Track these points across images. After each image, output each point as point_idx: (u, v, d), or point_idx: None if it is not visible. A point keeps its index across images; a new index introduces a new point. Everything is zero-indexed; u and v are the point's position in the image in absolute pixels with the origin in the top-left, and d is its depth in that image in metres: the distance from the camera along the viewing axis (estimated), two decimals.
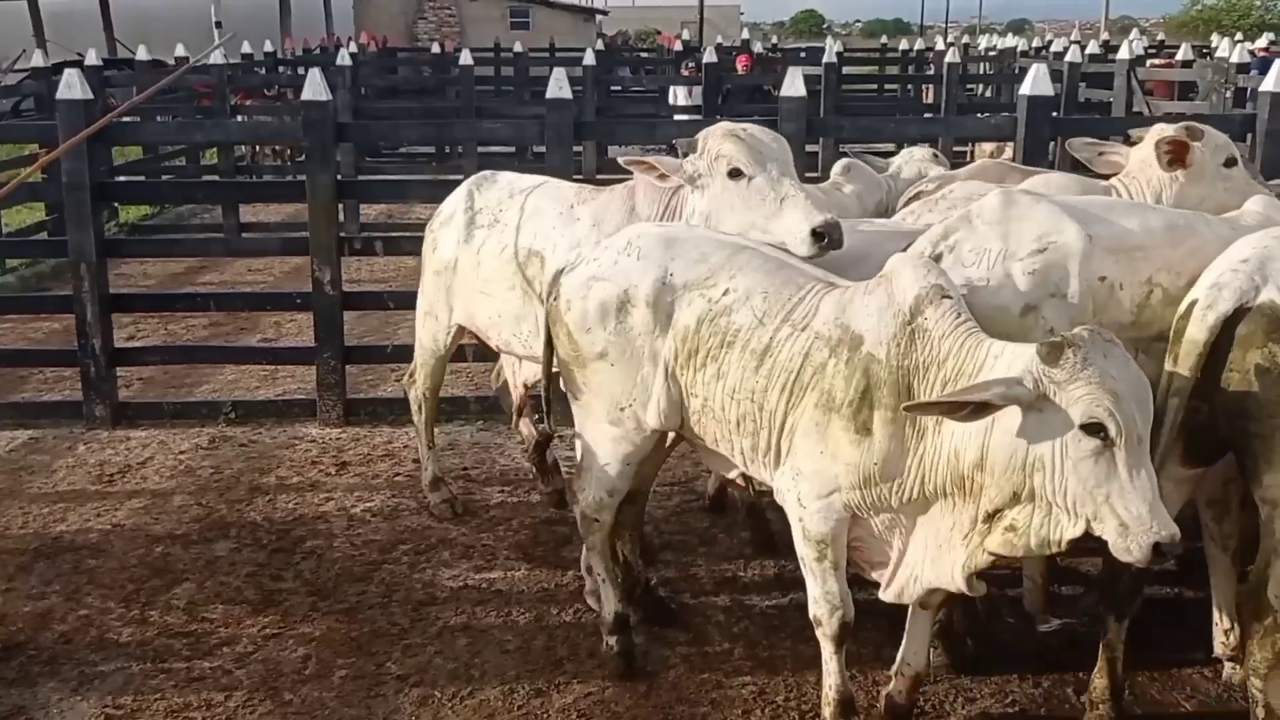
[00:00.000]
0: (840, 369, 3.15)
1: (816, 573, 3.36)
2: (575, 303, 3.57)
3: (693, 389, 3.45)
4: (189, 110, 14.27)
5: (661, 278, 3.47)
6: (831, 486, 3.22)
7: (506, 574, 4.65)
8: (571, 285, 3.61)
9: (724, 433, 3.44)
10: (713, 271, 3.43)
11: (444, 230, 4.82)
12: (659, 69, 22.75)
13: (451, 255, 4.73)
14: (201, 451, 6.01)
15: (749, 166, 3.84)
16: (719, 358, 3.36)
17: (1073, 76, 12.93)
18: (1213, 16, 55.15)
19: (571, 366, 3.66)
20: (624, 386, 3.56)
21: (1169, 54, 19.73)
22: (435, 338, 5.00)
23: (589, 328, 3.55)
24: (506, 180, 4.78)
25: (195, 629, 4.24)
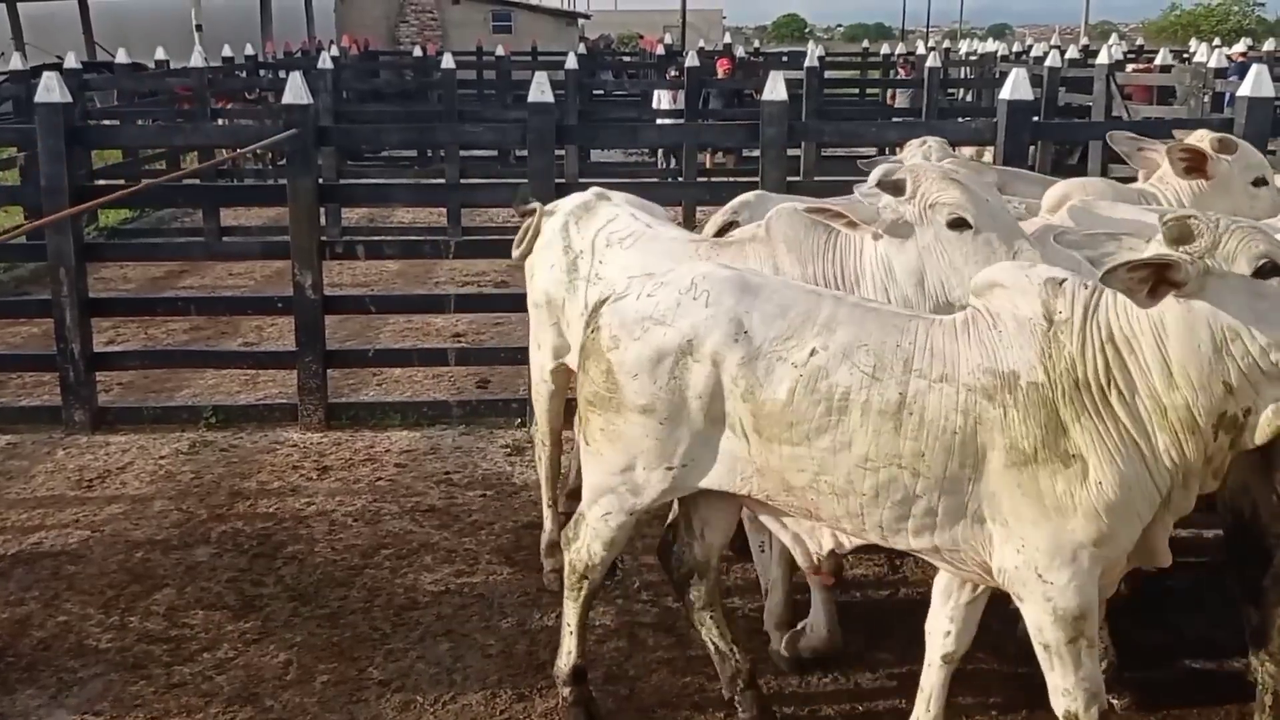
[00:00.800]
0: (1015, 416, 2.81)
1: (1069, 658, 2.89)
2: (625, 342, 3.16)
3: (795, 464, 3.01)
4: (169, 114, 14.19)
5: (733, 333, 3.04)
6: (1074, 544, 2.80)
7: (489, 578, 4.64)
8: (621, 320, 3.20)
9: (851, 507, 2.99)
10: (794, 329, 3.02)
11: (540, 258, 4.31)
12: (641, 73, 22.80)
13: (553, 294, 4.23)
14: (182, 456, 5.98)
15: (977, 218, 3.41)
16: (833, 426, 2.94)
17: (1052, 81, 13.02)
18: (1191, 21, 55.60)
19: (597, 407, 3.26)
20: (661, 446, 3.17)
21: (1148, 59, 19.88)
22: (541, 369, 4.50)
23: (636, 374, 3.14)
24: (606, 216, 4.18)
25: (175, 635, 4.21)
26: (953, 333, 2.96)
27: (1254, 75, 6.42)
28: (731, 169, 14.52)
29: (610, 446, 3.27)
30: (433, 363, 7.03)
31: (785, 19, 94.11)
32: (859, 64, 25.75)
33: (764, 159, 6.35)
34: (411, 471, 5.77)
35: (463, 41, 30.09)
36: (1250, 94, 6.30)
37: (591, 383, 3.27)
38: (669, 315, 3.13)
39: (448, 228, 11.71)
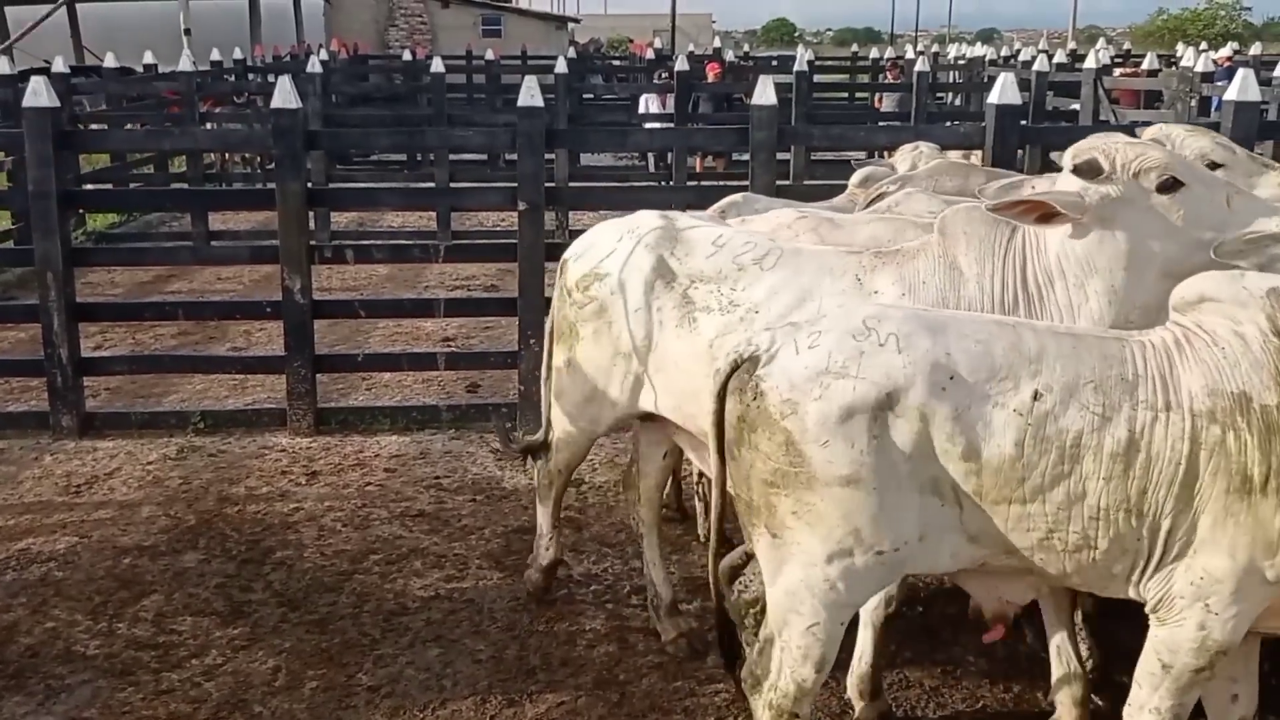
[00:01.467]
0: (1247, 440, 2.59)
1: (1184, 685, 2.77)
2: (804, 404, 2.68)
3: (1023, 524, 2.69)
4: (157, 118, 14.16)
5: (940, 381, 2.66)
6: (1261, 580, 2.63)
7: (478, 583, 4.63)
8: (790, 381, 2.71)
9: (1084, 560, 2.71)
10: (1005, 368, 2.68)
11: (616, 299, 3.69)
12: (631, 77, 22.81)
13: (643, 339, 3.64)
14: (170, 462, 5.96)
15: (1186, 174, 3.17)
16: (1066, 476, 2.64)
17: (1040, 85, 13.06)
18: (1178, 26, 55.97)
19: (781, 487, 2.73)
20: (876, 522, 2.68)
21: (1135, 63, 19.98)
22: (595, 421, 3.95)
23: (825, 440, 2.66)
24: (708, 238, 3.62)
25: (163, 641, 4.19)
26: (1167, 354, 2.71)
27: (1240, 79, 6.45)
28: (721, 173, 14.54)
29: (809, 532, 2.72)
30: (422, 367, 7.02)
31: (775, 23, 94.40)
32: (848, 68, 25.80)
33: (753, 163, 6.36)
34: (401, 476, 5.76)
35: (452, 45, 30.09)
36: (1237, 98, 6.33)
37: (766, 460, 2.74)
38: (851, 366, 2.68)
39: (437, 232, 11.71)
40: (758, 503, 2.80)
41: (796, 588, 2.78)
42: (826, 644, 2.81)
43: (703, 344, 3.47)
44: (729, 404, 2.84)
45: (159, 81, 15.03)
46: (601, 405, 3.88)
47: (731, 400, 2.83)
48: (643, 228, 3.74)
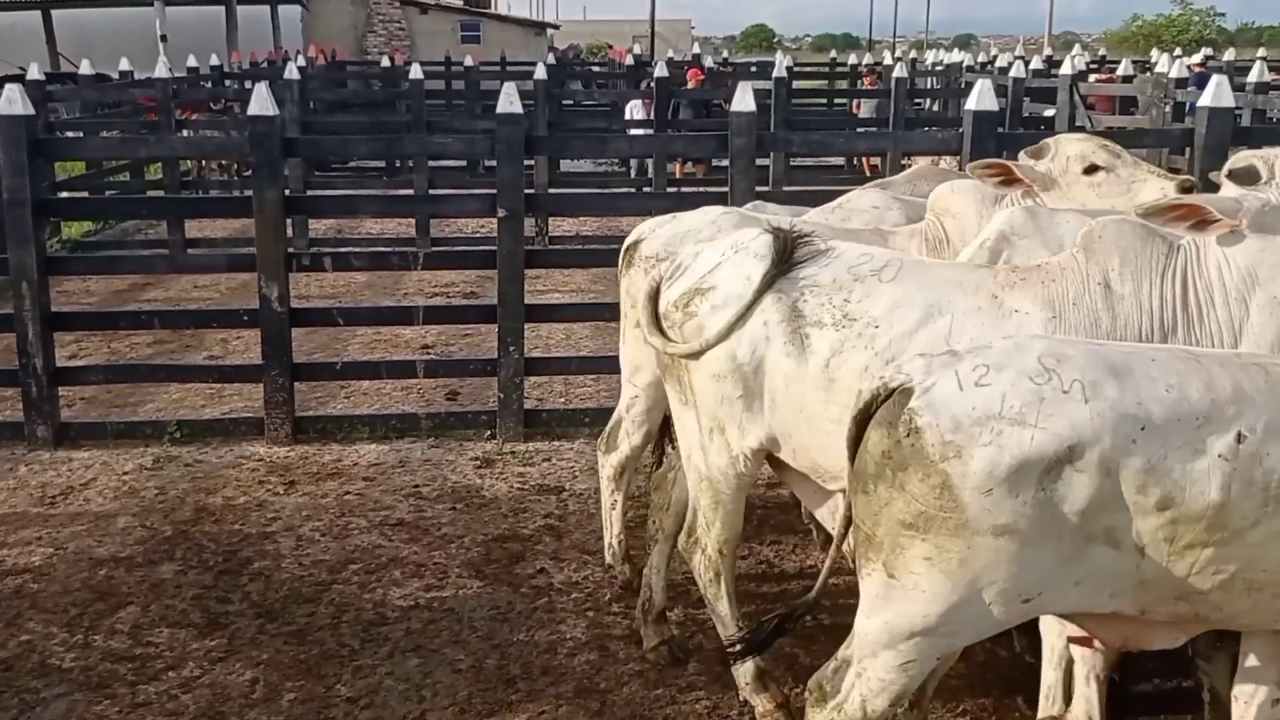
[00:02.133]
0: None
1: None
2: (969, 449, 2.48)
3: (1212, 565, 2.54)
4: (133, 125, 14.08)
5: (1130, 434, 2.47)
6: None
7: (458, 593, 4.61)
8: (954, 421, 2.51)
9: (1263, 597, 2.60)
10: (1203, 413, 2.50)
11: (715, 315, 3.32)
12: (611, 83, 22.82)
13: (748, 358, 3.28)
14: (146, 472, 5.91)
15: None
16: (1269, 516, 2.50)
17: (1017, 91, 13.13)
18: (1152, 32, 56.40)
19: (920, 530, 2.56)
20: (1020, 574, 2.53)
21: (1110, 69, 20.13)
22: (729, 466, 3.45)
23: (989, 489, 2.47)
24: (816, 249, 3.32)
25: (140, 653, 4.15)
26: None
27: (1214, 86, 6.50)
28: (701, 179, 14.56)
29: (940, 579, 2.57)
30: (401, 375, 6.99)
31: (754, 29, 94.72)
32: (827, 74, 25.89)
33: (733, 169, 6.37)
34: (380, 485, 5.73)
35: (431, 51, 30.07)
36: (1211, 104, 6.37)
37: (912, 501, 2.55)
38: (1029, 414, 2.48)
39: (416, 239, 11.67)
40: (882, 540, 2.64)
41: (901, 626, 2.65)
42: (913, 680, 2.72)
43: (817, 364, 3.17)
44: (872, 435, 2.63)
45: (135, 88, 14.95)
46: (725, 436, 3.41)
47: (876, 432, 2.62)
48: (747, 238, 3.41)
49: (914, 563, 2.59)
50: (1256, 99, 11.82)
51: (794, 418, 3.25)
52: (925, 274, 3.22)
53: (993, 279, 3.20)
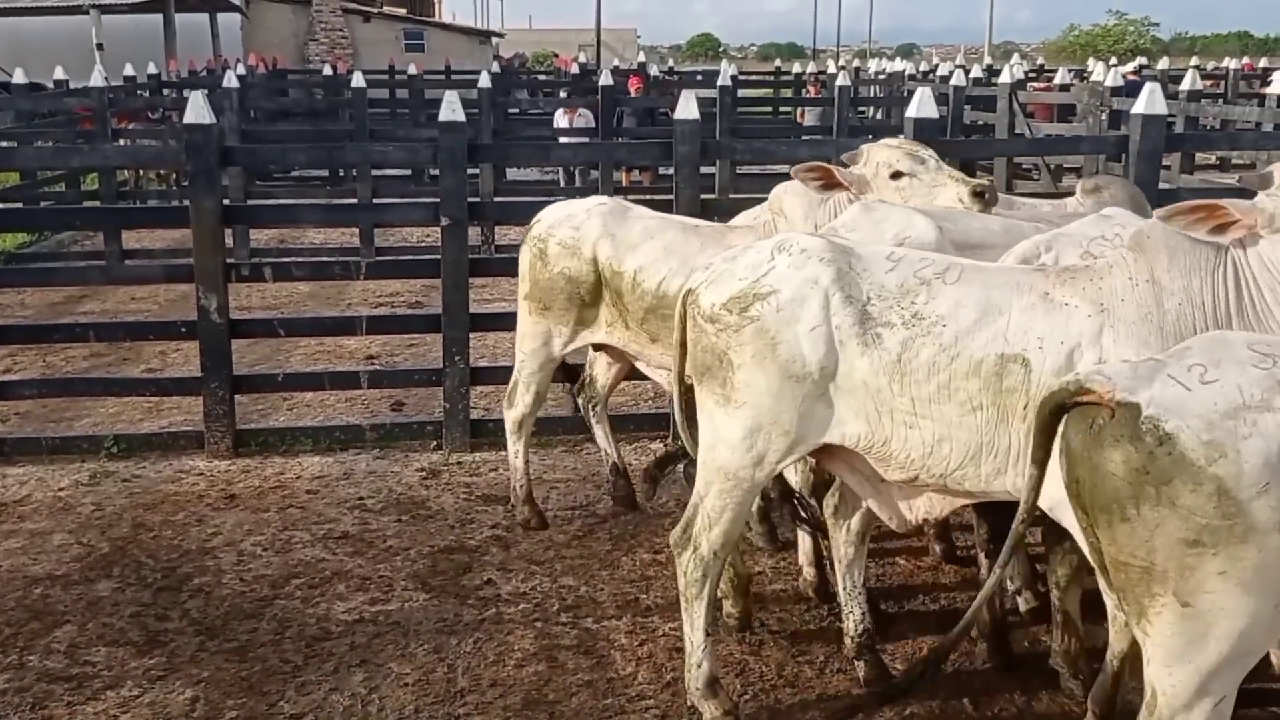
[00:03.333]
0: None
1: None
2: (1235, 446, 2.41)
3: None
4: (68, 135, 13.81)
5: None
6: None
7: (404, 605, 4.55)
8: (1206, 420, 2.43)
9: None
10: None
11: (788, 324, 3.35)
12: (557, 91, 22.79)
13: (823, 360, 3.34)
14: (82, 488, 5.78)
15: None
16: None
17: (957, 100, 13.30)
18: (1089, 42, 57.58)
19: (1210, 547, 2.43)
20: None
21: (1048, 78, 20.50)
22: (759, 467, 3.49)
23: (1266, 482, 2.39)
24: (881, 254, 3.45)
25: (77, 673, 4.05)
26: None
27: (1147, 93, 6.63)
28: (647, 186, 14.58)
29: (1239, 592, 2.43)
30: (345, 386, 6.90)
31: (699, 38, 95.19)
32: (771, 83, 26.09)
33: (678, 176, 6.38)
34: (324, 498, 5.65)
35: (374, 60, 29.83)
36: (1145, 111, 6.49)
37: (1190, 516, 2.43)
38: (1273, 398, 2.44)
39: (360, 248, 11.56)
40: (1165, 568, 2.47)
41: (1213, 664, 2.49)
42: (1227, 717, 2.56)
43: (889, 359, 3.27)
44: (1112, 457, 2.49)
45: (70, 97, 14.69)
46: (770, 438, 3.45)
47: (1117, 453, 2.49)
48: (803, 243, 3.47)
49: (1208, 580, 2.44)
50: (1189, 106, 12.09)
51: (866, 411, 3.33)
52: (984, 277, 3.31)
53: (1044, 278, 3.26)
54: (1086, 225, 3.75)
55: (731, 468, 3.49)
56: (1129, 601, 2.59)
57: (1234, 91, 19.17)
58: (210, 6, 29.53)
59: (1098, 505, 2.57)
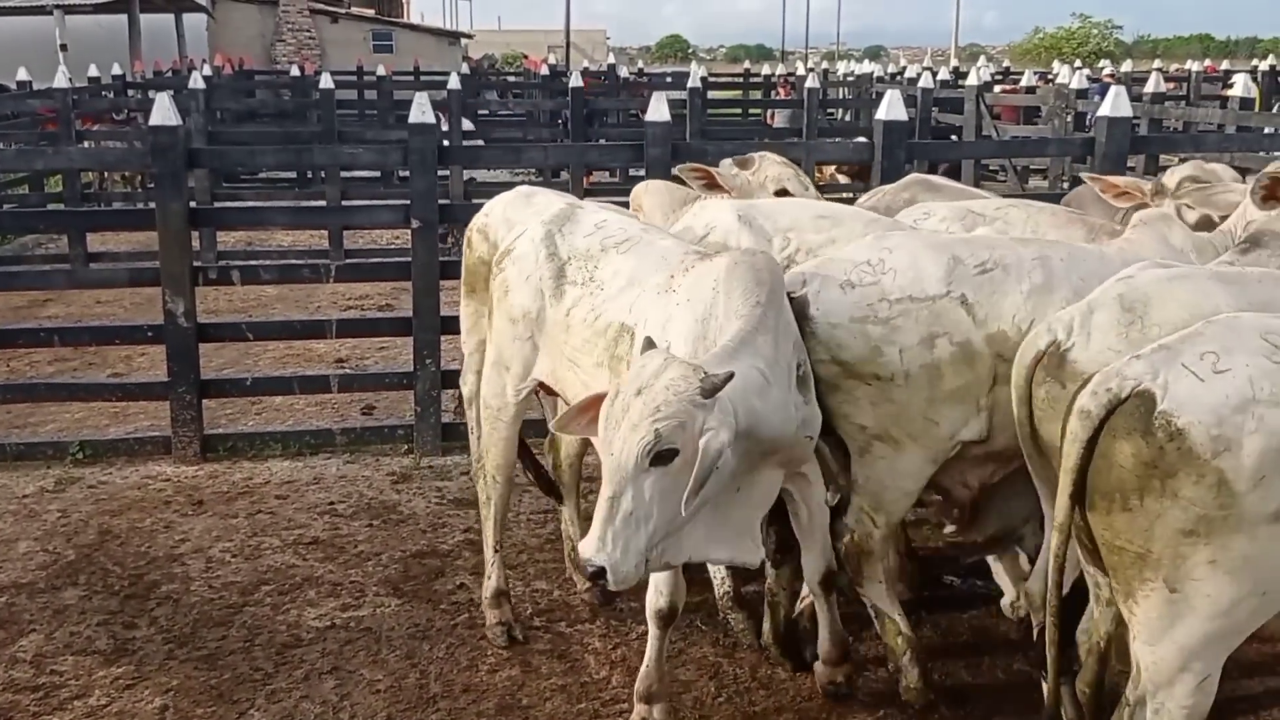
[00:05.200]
0: None
1: None
2: (1240, 440, 2.48)
3: None
4: (31, 136, 13.64)
5: None
6: None
7: (375, 611, 4.52)
8: (1216, 415, 2.50)
9: None
10: None
11: (516, 277, 3.90)
12: (526, 93, 22.75)
13: (531, 307, 3.84)
14: (48, 494, 5.70)
15: None
16: None
17: (925, 102, 13.40)
18: (1054, 44, 58.05)
19: (1202, 536, 2.53)
20: None
21: (1014, 80, 20.66)
22: (503, 393, 4.05)
23: (1263, 475, 2.48)
24: (589, 225, 3.89)
25: (44, 682, 4.00)
26: None
27: (1113, 96, 6.69)
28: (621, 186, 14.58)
29: (1226, 580, 2.54)
30: (315, 390, 6.84)
31: (668, 40, 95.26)
32: (741, 84, 26.15)
33: (649, 179, 6.37)
34: (293, 503, 5.60)
35: (342, 61, 29.64)
36: (1110, 114, 6.56)
37: (1189, 506, 2.52)
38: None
39: (329, 251, 11.48)
40: (1159, 554, 2.57)
41: (1194, 643, 2.61)
42: (1209, 698, 2.67)
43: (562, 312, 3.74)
44: (1122, 449, 2.57)
45: (33, 99, 14.52)
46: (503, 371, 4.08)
47: (1128, 445, 2.57)
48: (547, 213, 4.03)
49: (1196, 569, 2.53)
50: (1153, 109, 12.22)
51: (554, 354, 3.80)
52: (649, 250, 3.67)
53: (681, 261, 3.54)
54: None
55: (487, 398, 4.11)
56: (1118, 581, 2.69)
57: (1196, 93, 19.40)
58: (176, 7, 29.28)
59: (1098, 491, 2.65)
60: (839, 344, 3.40)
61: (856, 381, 3.42)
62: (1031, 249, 3.50)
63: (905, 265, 3.41)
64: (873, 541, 3.60)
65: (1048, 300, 3.33)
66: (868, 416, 3.46)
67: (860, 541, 3.61)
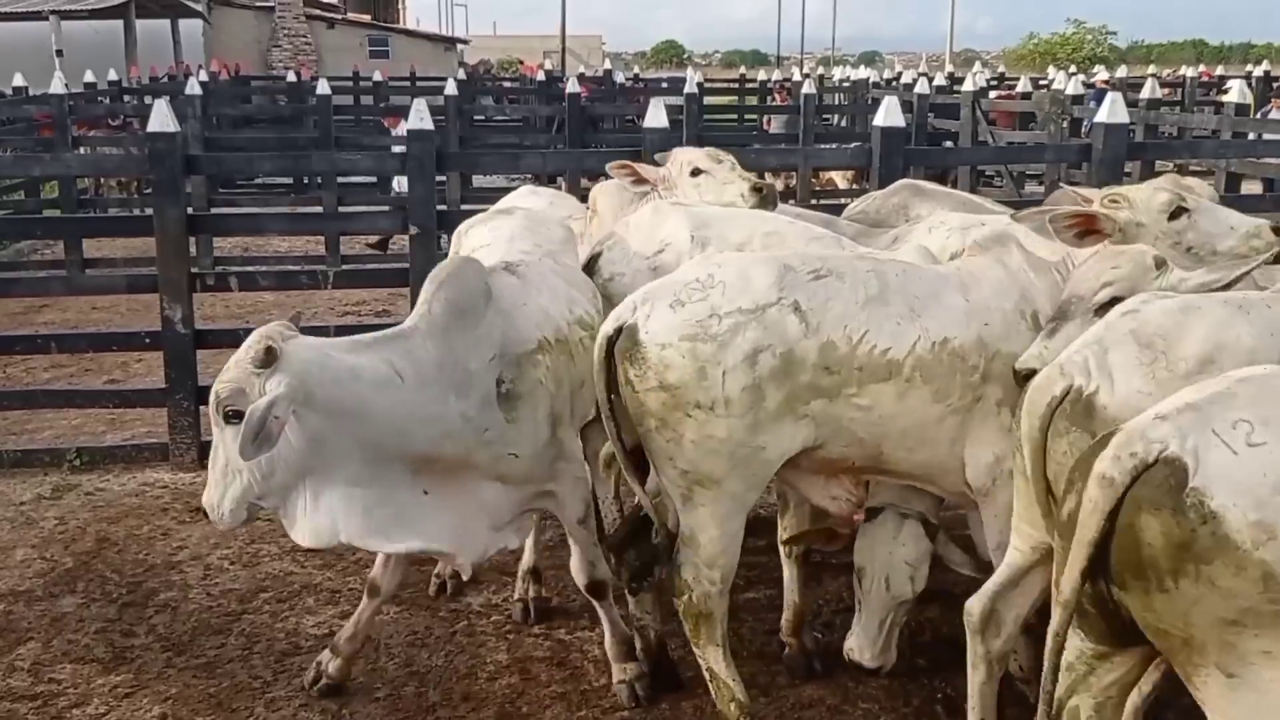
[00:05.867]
0: None
1: None
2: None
3: None
4: (28, 142, 13.63)
5: None
6: None
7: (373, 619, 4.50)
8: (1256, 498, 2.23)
9: None
10: None
11: None
12: (522, 98, 22.76)
13: None
14: (45, 501, 5.69)
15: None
16: None
17: (921, 108, 13.44)
18: (1048, 50, 58.19)
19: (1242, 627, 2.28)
20: None
21: (1010, 86, 20.70)
22: None
23: None
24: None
25: (42, 691, 3.99)
26: None
27: (1109, 103, 6.72)
28: None
29: None
30: None
31: (664, 45, 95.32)
32: (737, 90, 26.17)
33: None
34: None
35: (339, 66, 29.67)
36: (1107, 120, 6.58)
37: (1229, 597, 2.25)
38: None
39: (326, 257, 11.47)
40: (1204, 641, 2.32)
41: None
42: None
43: None
44: (1150, 525, 2.31)
45: (29, 104, 14.50)
46: None
47: (1156, 521, 2.30)
48: None
49: (1252, 656, 2.28)
50: (1149, 115, 12.26)
51: None
52: None
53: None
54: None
55: None
56: (1175, 663, 2.46)
57: (1191, 99, 19.46)
58: (172, 12, 29.29)
59: (1128, 570, 2.40)
60: (667, 365, 3.21)
61: (681, 414, 3.23)
62: (863, 262, 3.45)
63: (734, 278, 3.29)
64: (711, 601, 3.43)
65: (883, 312, 3.27)
66: (689, 456, 3.28)
67: (699, 603, 3.44)
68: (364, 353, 3.29)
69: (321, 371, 3.19)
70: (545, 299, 3.78)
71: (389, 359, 3.28)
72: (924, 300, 3.33)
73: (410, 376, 3.28)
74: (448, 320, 3.40)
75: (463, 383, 3.36)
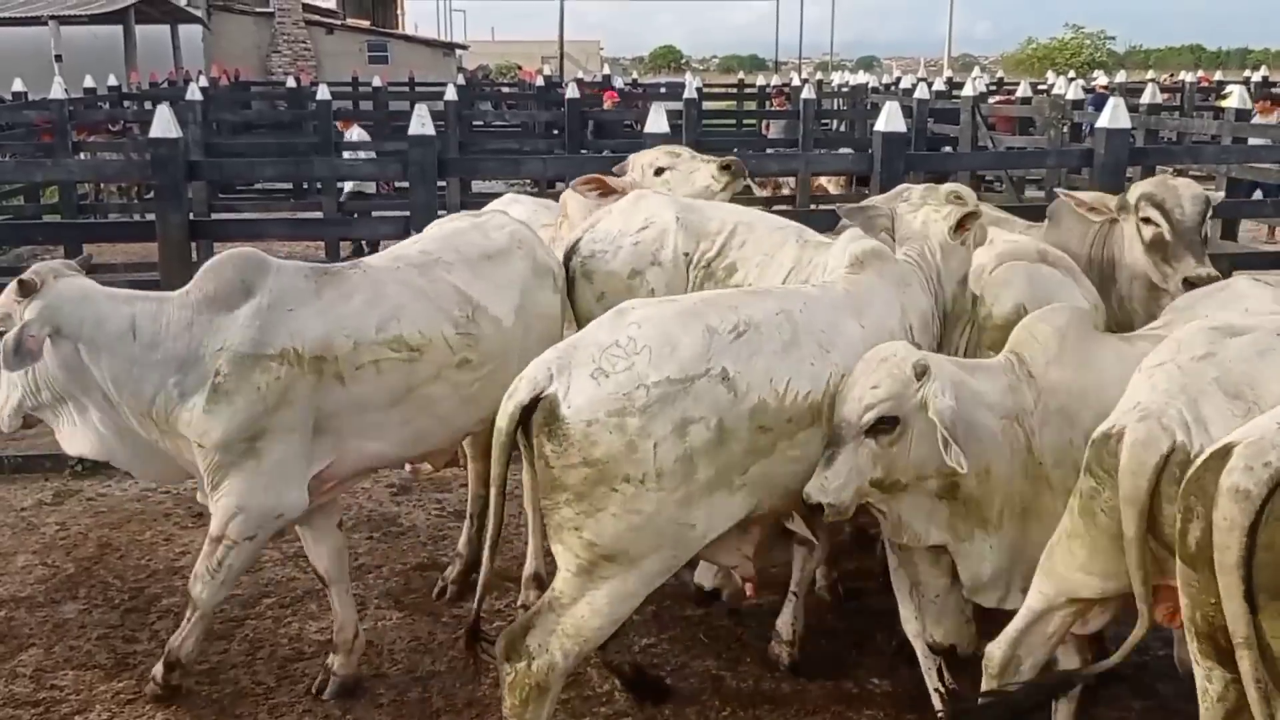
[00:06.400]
0: None
1: None
2: None
3: None
4: (28, 148, 13.63)
5: None
6: None
7: (377, 624, 4.51)
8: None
9: None
10: None
11: None
12: (521, 103, 22.80)
13: None
14: (46, 507, 5.69)
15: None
16: None
17: (921, 113, 13.45)
18: (1046, 55, 58.29)
19: None
20: None
21: (1009, 91, 20.73)
22: None
23: None
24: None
25: (44, 698, 3.99)
26: None
27: (1111, 108, 6.73)
28: None
29: None
30: None
31: (662, 50, 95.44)
32: (735, 95, 26.22)
33: None
34: None
35: (338, 72, 29.68)
36: (1108, 125, 6.60)
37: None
38: None
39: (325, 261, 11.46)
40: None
41: None
42: None
43: None
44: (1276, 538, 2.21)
45: (29, 109, 14.51)
46: None
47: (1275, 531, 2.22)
48: None
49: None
50: (1149, 119, 12.27)
51: None
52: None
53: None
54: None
55: None
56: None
57: (1191, 104, 19.49)
58: (171, 18, 29.30)
59: (1267, 591, 2.26)
60: (593, 442, 2.99)
61: (606, 489, 3.01)
62: (770, 302, 3.34)
63: (658, 342, 3.08)
64: (553, 676, 3.18)
65: (798, 355, 3.21)
66: (606, 531, 3.06)
67: (538, 673, 3.16)
68: (121, 304, 3.62)
69: (74, 308, 3.56)
70: (354, 307, 3.68)
71: (134, 316, 3.59)
72: (829, 334, 3.31)
73: (145, 336, 3.57)
74: (199, 301, 3.62)
75: (186, 361, 3.56)
